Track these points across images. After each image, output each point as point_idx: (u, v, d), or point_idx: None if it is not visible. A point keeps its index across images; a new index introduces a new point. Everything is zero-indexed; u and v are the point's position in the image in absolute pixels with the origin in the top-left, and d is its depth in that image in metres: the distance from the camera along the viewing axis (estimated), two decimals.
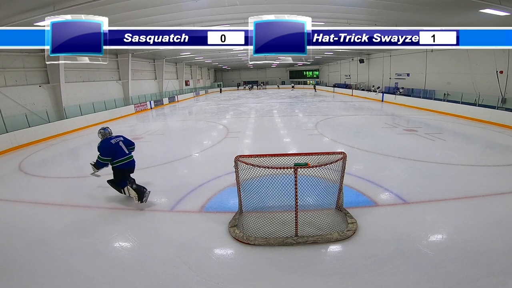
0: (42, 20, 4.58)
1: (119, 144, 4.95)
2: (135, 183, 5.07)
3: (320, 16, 11.70)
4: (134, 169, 5.18)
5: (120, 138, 5.08)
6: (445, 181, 5.71)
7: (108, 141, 4.95)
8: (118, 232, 4.19)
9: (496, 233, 3.80)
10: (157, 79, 27.95)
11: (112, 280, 3.17)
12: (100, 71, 19.17)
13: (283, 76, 49.34)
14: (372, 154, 7.87)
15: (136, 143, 10.38)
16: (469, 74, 15.36)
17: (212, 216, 4.58)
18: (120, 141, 5.00)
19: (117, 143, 4.94)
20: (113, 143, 4.89)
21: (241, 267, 3.38)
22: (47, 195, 5.70)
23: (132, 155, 5.14)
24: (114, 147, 4.88)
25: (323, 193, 4.33)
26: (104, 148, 4.86)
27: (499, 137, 9.88)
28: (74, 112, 14.64)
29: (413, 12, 10.83)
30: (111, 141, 4.92)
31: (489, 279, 2.97)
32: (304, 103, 23.30)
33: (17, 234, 4.26)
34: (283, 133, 11.41)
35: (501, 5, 8.54)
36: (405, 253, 3.46)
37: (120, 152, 4.91)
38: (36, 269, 3.38)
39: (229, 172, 5.71)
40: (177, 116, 19.37)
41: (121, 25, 6.06)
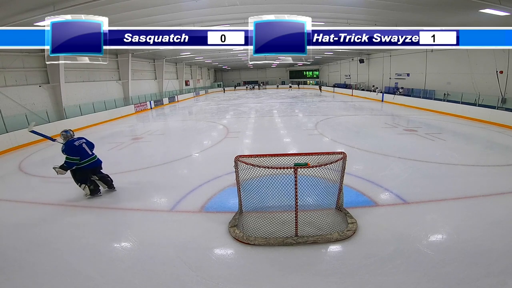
0: (42, 20, 4.57)
1: (82, 146, 5.17)
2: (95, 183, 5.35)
3: (320, 16, 11.71)
4: (99, 168, 5.42)
5: (83, 140, 5.29)
6: (445, 181, 5.71)
7: (72, 143, 5.15)
8: (118, 232, 4.19)
9: (496, 233, 3.80)
10: (157, 79, 27.97)
11: (112, 280, 3.17)
12: (100, 71, 19.18)
13: (283, 76, 49.36)
14: (372, 154, 7.87)
15: (136, 143, 10.38)
16: (469, 74, 15.37)
17: (212, 216, 4.58)
18: (83, 143, 5.22)
19: (80, 144, 5.16)
20: (76, 145, 5.11)
21: (241, 267, 3.38)
22: (47, 195, 5.69)
23: (95, 155, 5.35)
24: (78, 148, 5.11)
25: (323, 193, 4.33)
26: (70, 149, 5.06)
27: (499, 137, 9.89)
28: (74, 112, 14.65)
29: (413, 12, 10.84)
30: (75, 143, 5.14)
31: (489, 279, 2.97)
32: (304, 103, 23.30)
33: (17, 234, 4.26)
34: (283, 133, 11.42)
35: (501, 5, 8.54)
36: (405, 253, 3.46)
37: (84, 153, 5.14)
38: (36, 269, 3.38)
39: (229, 172, 5.71)
40: (177, 116, 19.37)
41: (121, 25, 6.06)
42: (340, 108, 19.82)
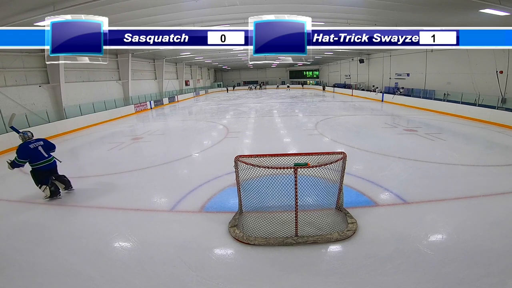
0: (42, 20, 4.57)
1: (37, 149, 5.25)
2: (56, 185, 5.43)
3: (320, 16, 11.70)
4: (55, 170, 5.52)
5: (40, 143, 5.36)
6: (445, 181, 5.71)
7: (27, 145, 5.24)
8: (118, 232, 4.19)
9: (496, 233, 3.80)
10: (157, 79, 27.96)
11: (112, 280, 3.17)
12: (100, 71, 19.17)
13: (283, 76, 49.35)
14: (372, 154, 7.87)
15: (136, 143, 10.36)
16: (469, 74, 15.36)
17: (212, 216, 4.58)
18: (39, 146, 5.30)
19: (36, 147, 5.25)
20: (31, 147, 5.20)
21: (241, 267, 3.38)
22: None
23: (52, 158, 5.44)
24: (32, 151, 5.19)
25: (323, 193, 4.33)
26: (21, 151, 5.16)
27: (499, 137, 9.88)
28: (74, 112, 14.64)
29: (413, 12, 10.84)
30: (30, 146, 5.22)
31: (489, 279, 2.97)
32: (304, 103, 23.30)
33: (17, 234, 4.26)
34: (283, 133, 11.41)
35: (501, 5, 8.54)
36: (405, 253, 3.46)
37: (38, 155, 5.22)
38: (36, 269, 3.38)
39: (229, 172, 5.71)
40: (177, 116, 19.37)
41: (121, 25, 6.07)
42: (340, 108, 19.82)
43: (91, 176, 6.82)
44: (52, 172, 5.48)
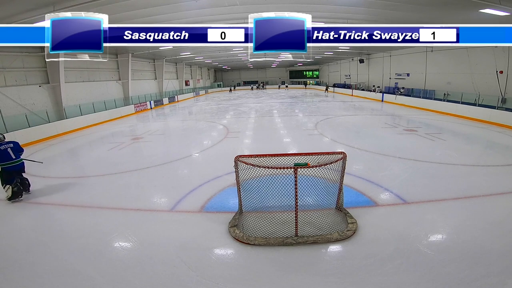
0: (42, 20, 4.56)
1: (6, 150, 5.55)
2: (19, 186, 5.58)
3: (320, 16, 11.69)
4: (22, 170, 5.76)
5: (10, 145, 5.66)
6: (445, 181, 5.71)
7: None
8: (118, 232, 4.19)
9: (496, 233, 3.80)
10: (157, 79, 27.96)
11: (112, 280, 3.17)
12: (100, 71, 19.16)
13: (283, 76, 49.33)
14: (372, 154, 7.87)
15: (136, 143, 10.37)
16: (469, 74, 15.36)
17: (212, 216, 4.58)
18: (9, 148, 5.60)
19: (6, 149, 5.54)
20: (1, 149, 5.50)
21: (241, 267, 3.38)
22: (47, 195, 5.71)
23: (20, 159, 5.71)
24: (1, 152, 5.48)
25: (323, 193, 4.33)
26: None
27: (499, 137, 9.88)
28: (74, 112, 14.63)
29: (413, 12, 10.82)
30: (0, 147, 5.53)
31: (489, 279, 2.97)
32: (304, 103, 23.30)
33: (17, 234, 4.26)
34: (283, 133, 11.41)
35: (501, 5, 8.53)
36: (405, 253, 3.46)
37: (6, 156, 5.51)
38: (36, 269, 3.38)
39: (229, 172, 5.71)
40: (177, 116, 19.36)
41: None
42: (340, 108, 19.81)
43: (91, 176, 6.83)
44: (18, 173, 5.68)
